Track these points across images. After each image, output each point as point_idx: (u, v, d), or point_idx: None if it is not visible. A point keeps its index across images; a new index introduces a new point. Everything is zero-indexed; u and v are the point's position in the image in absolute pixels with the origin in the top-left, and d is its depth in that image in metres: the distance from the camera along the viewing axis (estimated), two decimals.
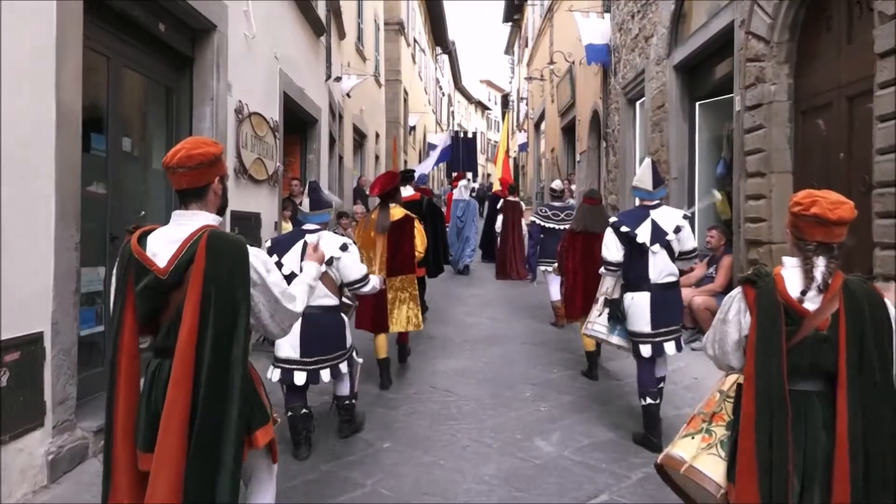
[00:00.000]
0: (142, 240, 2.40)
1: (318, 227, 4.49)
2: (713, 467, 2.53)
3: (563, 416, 5.07)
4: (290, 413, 4.38)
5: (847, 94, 5.30)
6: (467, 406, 5.31)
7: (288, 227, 8.83)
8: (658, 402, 4.58)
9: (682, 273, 6.66)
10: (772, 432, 2.27)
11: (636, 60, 10.82)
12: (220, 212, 2.58)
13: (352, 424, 4.76)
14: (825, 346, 2.33)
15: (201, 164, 2.41)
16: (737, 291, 2.53)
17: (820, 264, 2.40)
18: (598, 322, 4.92)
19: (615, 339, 4.83)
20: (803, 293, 2.37)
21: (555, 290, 7.94)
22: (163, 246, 2.36)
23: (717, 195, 7.13)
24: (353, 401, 4.78)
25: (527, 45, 26.91)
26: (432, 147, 24.92)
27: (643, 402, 4.58)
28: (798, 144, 6.03)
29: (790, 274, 2.44)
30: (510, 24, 32.20)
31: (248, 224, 7.16)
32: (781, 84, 6.05)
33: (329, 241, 4.39)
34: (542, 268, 8.16)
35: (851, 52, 5.27)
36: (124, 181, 5.19)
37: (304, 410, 4.42)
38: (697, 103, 8.92)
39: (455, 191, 14.65)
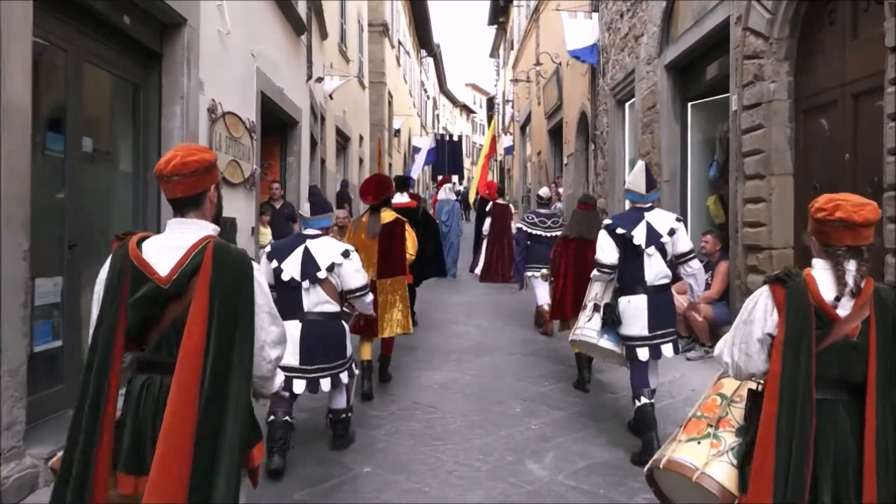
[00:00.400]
0: (138, 246, 2.27)
1: (319, 232, 4.38)
2: (726, 475, 2.45)
3: (556, 435, 4.76)
4: (271, 417, 4.15)
5: (852, 92, 5.04)
6: (454, 424, 4.99)
7: (267, 232, 8.51)
8: (653, 401, 4.46)
9: (677, 279, 6.47)
10: (793, 434, 2.17)
11: (626, 60, 10.56)
12: (216, 220, 2.45)
13: (346, 439, 4.54)
14: (854, 353, 2.25)
15: (196, 171, 2.30)
16: (761, 291, 2.40)
17: (851, 268, 2.31)
18: (586, 327, 4.77)
19: (605, 343, 4.68)
20: (837, 299, 2.28)
21: (542, 295, 7.86)
22: (162, 254, 2.25)
23: None
24: (349, 414, 4.57)
25: (512, 48, 26.70)
26: (416, 150, 24.67)
27: (637, 403, 4.45)
28: (799, 145, 5.76)
29: (821, 276, 2.34)
30: (495, 26, 32.00)
31: (223, 229, 6.77)
32: (781, 82, 5.78)
33: (331, 247, 4.30)
34: (529, 274, 8.00)
35: (857, 48, 5.00)
36: (85, 184, 4.81)
37: (286, 418, 4.18)
38: (689, 104, 8.66)
39: (440, 192, 14.39)
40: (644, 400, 4.44)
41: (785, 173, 5.81)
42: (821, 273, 2.34)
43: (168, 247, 2.27)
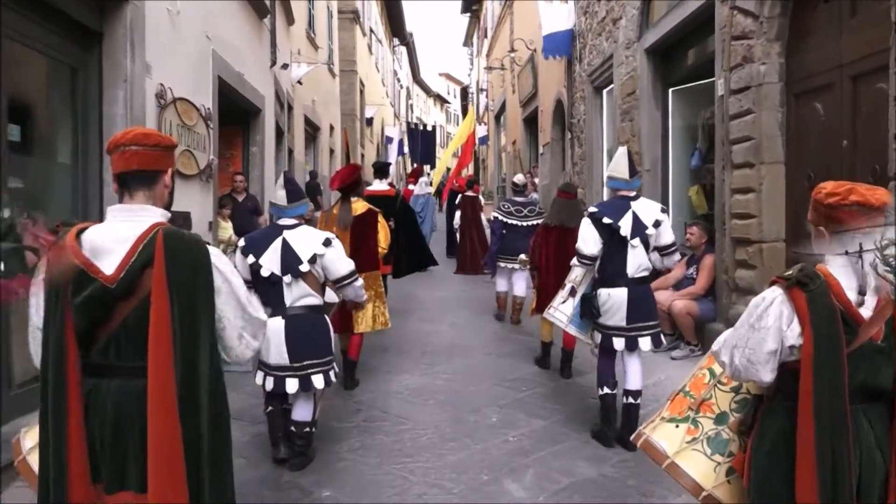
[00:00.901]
0: (77, 240, 2.07)
1: (295, 221, 4.13)
2: (697, 467, 2.40)
3: (536, 448, 4.36)
4: (269, 408, 4.16)
5: (850, 74, 4.69)
6: (424, 437, 4.56)
7: (227, 226, 8.03)
8: (615, 392, 4.51)
9: (659, 273, 6.24)
10: (834, 452, 2.00)
11: (603, 45, 10.18)
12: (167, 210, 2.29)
13: (305, 457, 4.11)
14: (879, 357, 2.05)
15: (158, 145, 2.18)
16: (773, 295, 2.12)
17: (868, 259, 2.06)
18: (559, 309, 4.70)
19: (572, 330, 4.75)
20: (861, 293, 2.07)
21: (502, 284, 8.09)
22: (106, 248, 2.06)
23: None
24: (314, 429, 4.17)
25: (486, 36, 26.27)
26: (389, 140, 24.21)
27: (600, 392, 4.53)
28: (791, 131, 5.42)
29: (840, 274, 2.10)
30: (469, 14, 31.55)
31: (174, 224, 6.30)
32: (772, 64, 5.42)
33: (310, 237, 4.07)
34: (502, 264, 7.78)
35: (856, 27, 4.65)
36: (11, 177, 4.32)
37: (284, 406, 4.15)
38: (671, 90, 8.32)
39: (416, 186, 14.01)
40: (606, 390, 4.48)
41: (776, 161, 5.46)
42: (839, 270, 2.10)
43: (112, 238, 2.07)
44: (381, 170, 8.02)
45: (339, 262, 4.10)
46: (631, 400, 4.42)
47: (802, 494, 2.02)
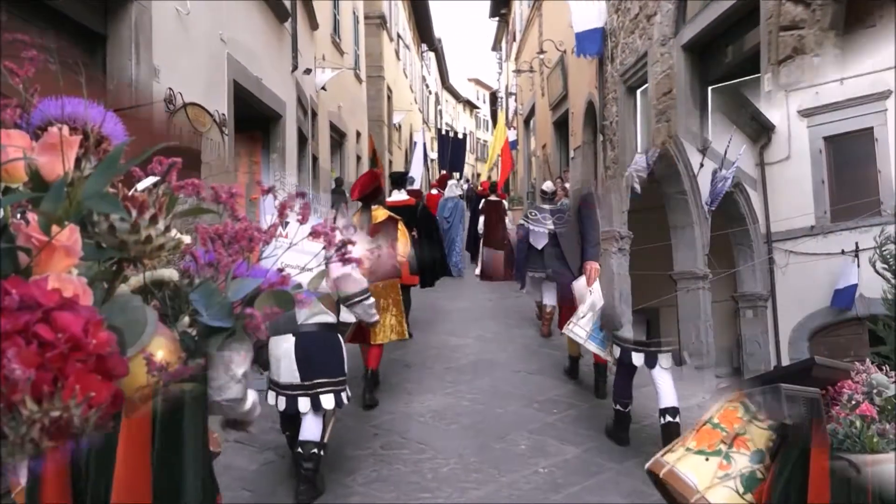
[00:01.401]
0: None
1: None
2: (725, 501, 2.17)
3: (569, 481, 3.95)
4: (287, 433, 4.03)
5: None
6: (446, 467, 4.18)
7: None
8: (629, 410, 4.50)
9: None
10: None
11: (636, 43, 9.72)
12: None
13: (313, 485, 3.76)
14: None
15: None
16: None
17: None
18: (578, 324, 4.58)
19: (591, 346, 4.67)
20: None
21: (536, 294, 7.68)
22: None
23: None
24: (322, 452, 3.82)
25: (514, 40, 25.89)
26: (415, 145, 23.97)
27: (614, 407, 4.55)
28: None
29: None
30: (497, 19, 31.21)
31: None
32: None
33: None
34: (530, 273, 7.40)
35: None
36: None
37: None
38: (710, 88, 7.83)
39: (446, 189, 13.73)
40: (619, 407, 4.48)
41: None
42: None
43: None
44: (399, 181, 7.87)
45: (352, 278, 3.84)
46: (669, 419, 4.03)
47: None
